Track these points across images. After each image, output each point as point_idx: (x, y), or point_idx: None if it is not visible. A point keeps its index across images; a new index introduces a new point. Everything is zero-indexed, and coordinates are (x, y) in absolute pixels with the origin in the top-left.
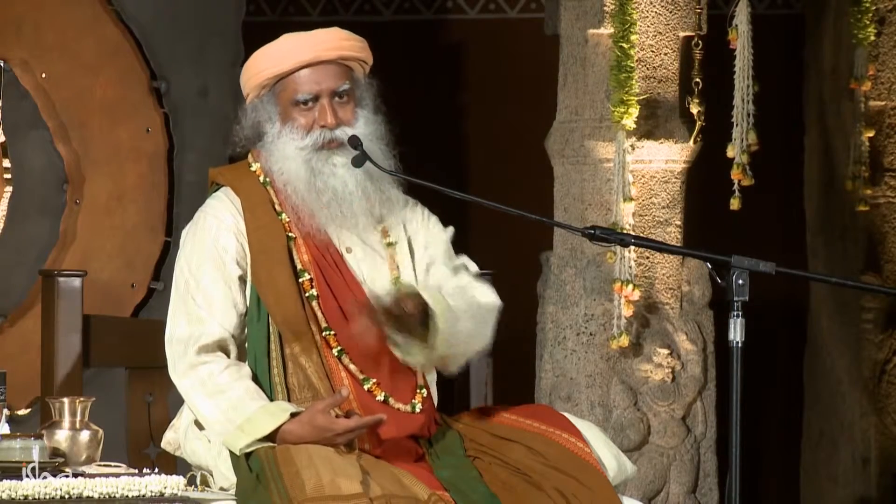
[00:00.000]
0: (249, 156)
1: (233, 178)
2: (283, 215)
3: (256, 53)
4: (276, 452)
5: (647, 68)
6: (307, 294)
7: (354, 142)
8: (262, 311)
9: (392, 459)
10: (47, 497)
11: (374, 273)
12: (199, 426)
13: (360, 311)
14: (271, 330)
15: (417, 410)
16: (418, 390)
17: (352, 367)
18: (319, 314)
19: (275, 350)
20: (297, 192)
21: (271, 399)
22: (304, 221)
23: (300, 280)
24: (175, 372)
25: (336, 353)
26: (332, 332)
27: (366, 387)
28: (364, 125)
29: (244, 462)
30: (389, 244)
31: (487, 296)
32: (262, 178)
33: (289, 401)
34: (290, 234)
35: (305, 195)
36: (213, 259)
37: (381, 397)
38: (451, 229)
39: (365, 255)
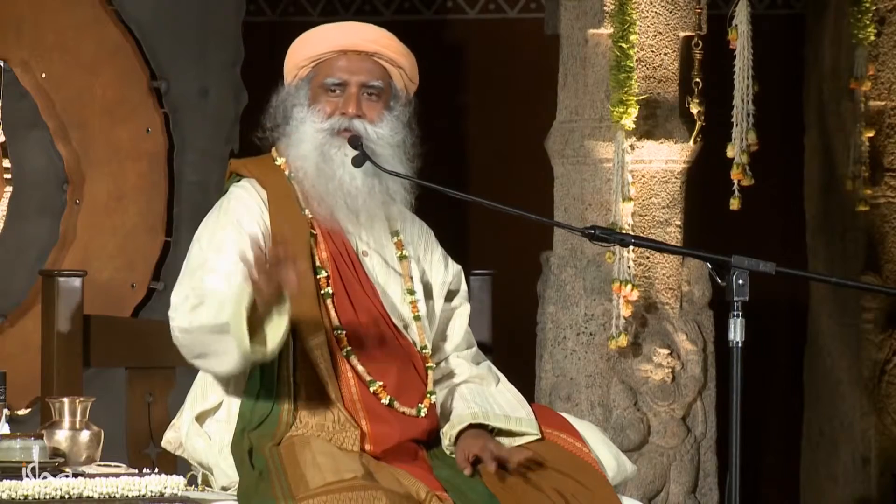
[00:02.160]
0: (273, 150)
1: (258, 170)
2: (307, 211)
3: (298, 37)
4: (281, 451)
5: (647, 68)
6: (322, 291)
7: (355, 142)
8: None
9: (392, 460)
10: (47, 497)
11: (387, 281)
12: (201, 422)
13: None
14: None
15: (423, 415)
16: (427, 395)
17: (359, 367)
18: (333, 312)
19: (286, 343)
20: (307, 175)
21: (277, 392)
22: (321, 214)
23: (317, 277)
24: (174, 322)
25: (345, 353)
26: (343, 332)
27: (371, 389)
28: (387, 129)
29: (247, 460)
30: (403, 257)
31: (504, 394)
32: (287, 173)
33: (296, 397)
34: (312, 231)
35: (315, 179)
36: (234, 241)
37: (386, 400)
38: (459, 270)
39: (380, 262)
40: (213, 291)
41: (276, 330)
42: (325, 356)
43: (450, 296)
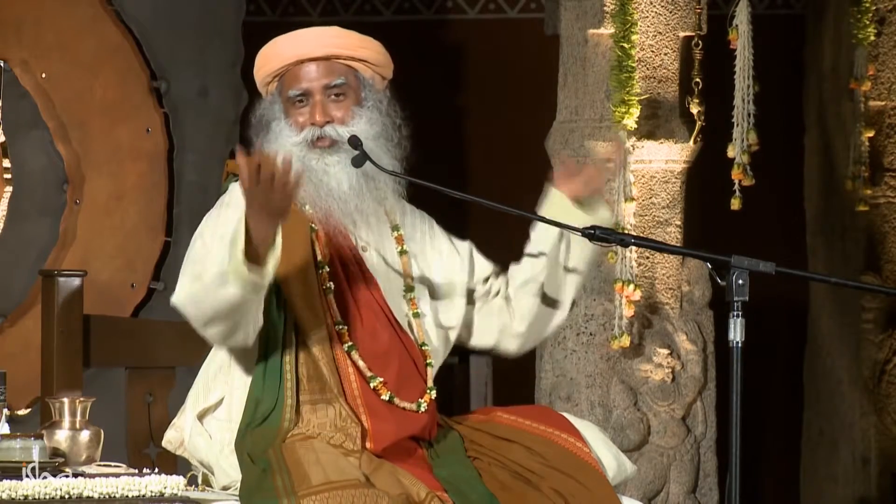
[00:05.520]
0: None
1: None
2: (307, 206)
3: (258, 53)
4: (284, 451)
5: (648, 68)
6: (324, 286)
7: (354, 141)
8: (280, 297)
9: (391, 458)
10: (47, 497)
11: (387, 277)
12: (201, 419)
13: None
14: (287, 318)
15: (423, 410)
16: (427, 391)
17: (360, 363)
18: (334, 307)
19: (289, 339)
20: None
21: (280, 388)
22: (317, 217)
23: (319, 272)
24: (177, 295)
25: (346, 349)
26: (345, 327)
27: (372, 385)
28: (365, 124)
29: (248, 459)
30: (403, 252)
31: None
32: None
33: (298, 391)
34: (312, 226)
35: (304, 187)
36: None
37: (386, 397)
38: (470, 247)
39: (379, 258)
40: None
41: (273, 253)
42: (326, 351)
43: (472, 271)
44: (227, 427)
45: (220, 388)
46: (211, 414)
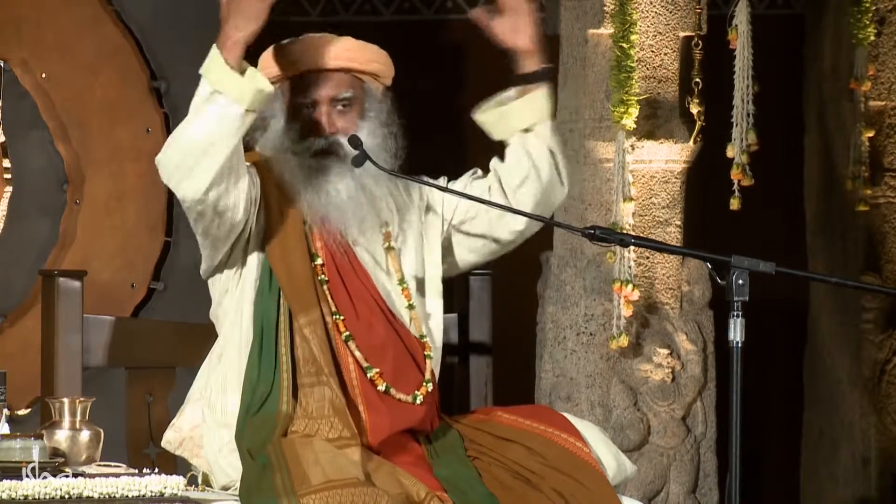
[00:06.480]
0: (258, 148)
1: (252, 161)
2: (304, 206)
3: (270, 50)
4: (284, 449)
5: (647, 68)
6: (318, 278)
7: (355, 141)
8: (273, 283)
9: (390, 454)
10: (47, 497)
11: (376, 271)
12: (203, 411)
13: None
14: (281, 303)
15: (419, 402)
16: (424, 384)
17: (357, 353)
18: (329, 298)
19: (283, 323)
20: (294, 189)
21: (276, 370)
22: (312, 218)
23: (313, 264)
24: (160, 157)
25: (344, 338)
26: (342, 317)
27: (369, 375)
28: (366, 136)
29: (248, 456)
30: (389, 248)
31: None
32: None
33: (294, 374)
34: (305, 220)
35: (302, 194)
36: None
37: (382, 387)
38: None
39: (368, 254)
40: None
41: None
42: (319, 334)
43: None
44: (224, 423)
45: (221, 377)
46: (209, 405)
